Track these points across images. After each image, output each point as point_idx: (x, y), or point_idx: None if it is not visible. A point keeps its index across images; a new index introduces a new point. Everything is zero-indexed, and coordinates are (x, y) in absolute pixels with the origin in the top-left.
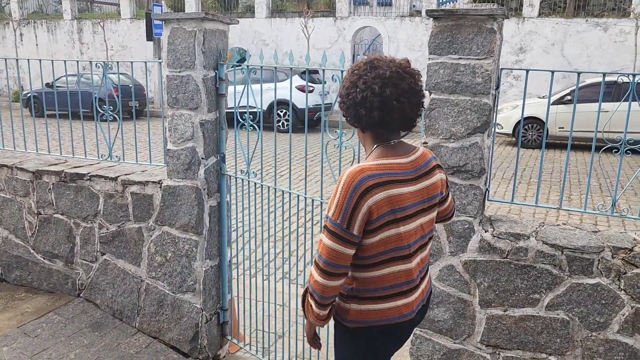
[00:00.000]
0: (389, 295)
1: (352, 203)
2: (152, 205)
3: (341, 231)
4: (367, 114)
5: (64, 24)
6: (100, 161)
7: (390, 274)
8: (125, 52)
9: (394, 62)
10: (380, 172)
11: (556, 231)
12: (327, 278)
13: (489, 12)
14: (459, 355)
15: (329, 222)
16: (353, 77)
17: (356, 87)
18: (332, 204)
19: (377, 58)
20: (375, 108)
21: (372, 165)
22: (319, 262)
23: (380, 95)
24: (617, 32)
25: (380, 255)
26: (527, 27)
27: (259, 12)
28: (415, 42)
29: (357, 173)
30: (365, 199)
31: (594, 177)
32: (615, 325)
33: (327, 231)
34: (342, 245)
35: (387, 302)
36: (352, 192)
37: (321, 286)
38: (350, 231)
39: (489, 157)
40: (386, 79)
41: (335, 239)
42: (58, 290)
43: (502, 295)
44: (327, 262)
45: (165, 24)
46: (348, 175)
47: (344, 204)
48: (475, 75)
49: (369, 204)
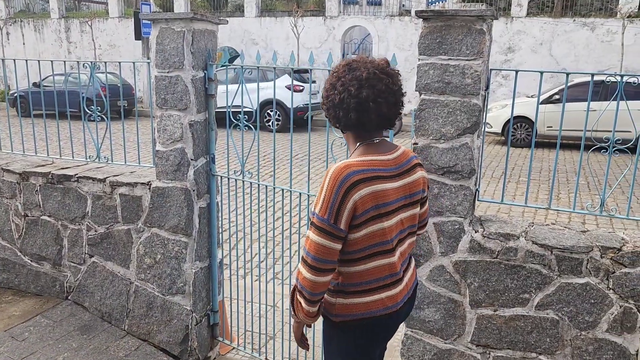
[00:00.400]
0: (373, 288)
1: (338, 198)
2: (141, 206)
3: (328, 226)
4: (344, 115)
5: (51, 22)
6: (88, 162)
7: (374, 267)
8: (113, 51)
9: (372, 63)
10: (365, 168)
11: (545, 231)
12: (316, 274)
13: (478, 13)
14: (450, 356)
15: (315, 218)
16: (332, 79)
17: (335, 89)
18: (318, 200)
19: (356, 60)
20: (352, 109)
21: (356, 161)
22: (307, 259)
23: (356, 96)
24: (604, 31)
25: (366, 250)
26: (515, 26)
27: (248, 11)
28: (405, 41)
29: (343, 169)
30: (351, 194)
31: (582, 176)
32: (604, 324)
33: (314, 227)
34: (330, 240)
35: (371, 295)
36: (339, 187)
37: (310, 282)
38: (337, 226)
39: (479, 158)
40: (363, 81)
41: (323, 235)
42: (46, 293)
43: (492, 295)
44: (315, 258)
45: (154, 24)
46: (334, 171)
47: (330, 200)
48: (464, 76)
49: (355, 199)
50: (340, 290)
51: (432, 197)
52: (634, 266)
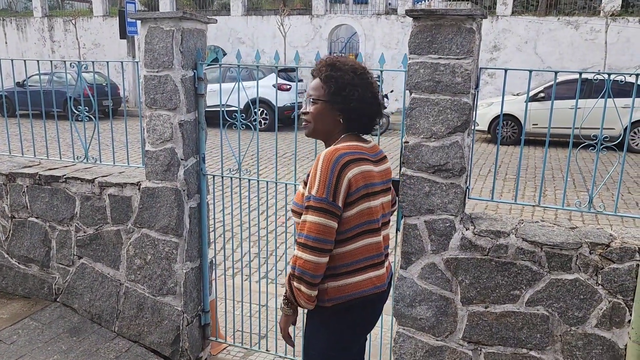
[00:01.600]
0: (362, 267)
1: (334, 177)
2: (131, 207)
3: (328, 204)
4: (358, 108)
5: (34, 21)
6: (76, 163)
7: (363, 246)
8: (98, 50)
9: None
10: (352, 151)
11: (535, 228)
12: (319, 254)
13: (468, 12)
14: (442, 352)
15: (313, 200)
16: (352, 77)
17: (356, 88)
18: (313, 184)
19: (357, 62)
20: (368, 109)
21: (343, 146)
22: (308, 242)
23: (375, 96)
24: (587, 30)
25: (356, 228)
26: (500, 25)
27: (234, 10)
28: (392, 40)
29: (333, 152)
30: (345, 172)
31: (568, 173)
32: (593, 319)
33: (312, 210)
34: (329, 218)
35: (361, 275)
36: (333, 166)
37: (313, 264)
38: (336, 203)
39: (469, 156)
40: (374, 84)
41: (322, 214)
42: (34, 295)
43: (483, 292)
44: (317, 239)
45: (142, 23)
46: (325, 154)
47: (327, 179)
48: (455, 75)
49: (349, 176)
50: (330, 274)
51: (423, 195)
52: (622, 262)
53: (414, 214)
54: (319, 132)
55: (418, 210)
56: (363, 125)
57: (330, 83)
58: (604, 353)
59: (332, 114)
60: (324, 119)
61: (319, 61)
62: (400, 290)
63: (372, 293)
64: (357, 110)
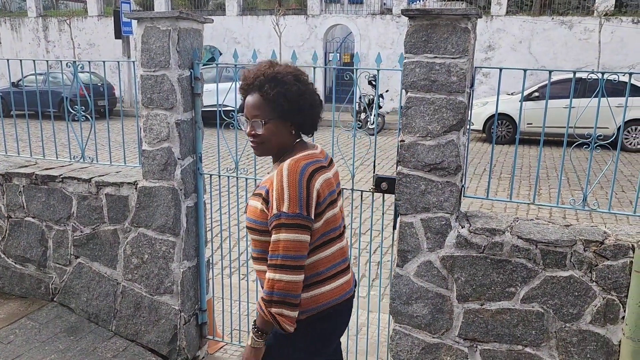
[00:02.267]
0: (332, 275)
1: (304, 190)
2: (128, 206)
3: (302, 219)
4: (308, 117)
5: (28, 21)
6: (72, 162)
7: (331, 254)
8: (92, 50)
9: None
10: (312, 160)
11: (530, 226)
12: (299, 272)
13: (463, 12)
14: (438, 350)
15: (285, 217)
16: (298, 84)
17: (303, 94)
18: (281, 200)
19: (295, 67)
20: (316, 113)
21: (302, 156)
22: (286, 261)
23: (318, 101)
24: (581, 30)
25: (323, 237)
26: (495, 25)
27: (229, 10)
28: (387, 39)
29: (296, 164)
30: (313, 184)
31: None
32: (587, 316)
33: (285, 227)
34: (304, 233)
35: (332, 282)
36: (300, 179)
37: (294, 284)
38: (310, 217)
39: (465, 154)
40: (313, 85)
41: (297, 230)
42: (31, 295)
43: (479, 290)
44: (295, 257)
45: (139, 22)
46: (289, 168)
47: (297, 193)
48: (450, 74)
49: (317, 187)
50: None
51: (419, 194)
52: (616, 259)
53: (410, 212)
54: (274, 150)
55: (414, 209)
56: (313, 128)
57: (280, 101)
58: (598, 349)
59: (285, 128)
60: (278, 137)
61: (254, 74)
62: (396, 288)
63: (344, 300)
64: (309, 117)
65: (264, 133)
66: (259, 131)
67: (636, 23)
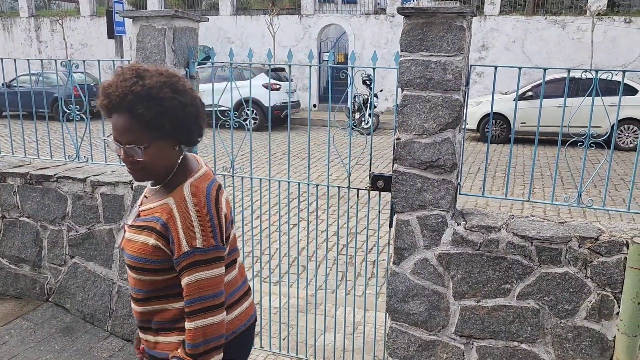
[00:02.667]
0: (237, 299)
1: (215, 217)
2: (123, 206)
3: (217, 251)
4: (196, 125)
5: (20, 21)
6: (67, 162)
7: (233, 278)
8: (85, 50)
9: None
10: (211, 180)
11: (525, 223)
12: (222, 310)
13: (459, 10)
14: (434, 347)
15: (200, 254)
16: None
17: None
18: (194, 236)
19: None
20: (200, 121)
21: (199, 178)
22: (208, 302)
23: (201, 107)
24: (574, 29)
25: (228, 257)
26: (488, 24)
27: (223, 10)
28: (381, 39)
29: (198, 189)
30: (220, 207)
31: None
32: (582, 312)
33: (201, 265)
34: (221, 265)
35: (237, 307)
36: (208, 206)
37: (220, 325)
38: (224, 246)
39: (461, 152)
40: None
41: (214, 265)
42: (26, 296)
43: (475, 287)
44: (215, 295)
45: (134, 21)
46: (192, 197)
47: (209, 223)
48: (446, 72)
49: (223, 209)
50: None
51: (415, 192)
52: (611, 255)
53: (407, 210)
54: (159, 175)
55: (410, 206)
56: (200, 136)
57: (161, 121)
58: (594, 345)
59: (169, 147)
60: (163, 159)
61: (120, 92)
62: (393, 286)
63: (250, 324)
64: (196, 128)
65: (145, 159)
66: (139, 158)
67: (628, 22)
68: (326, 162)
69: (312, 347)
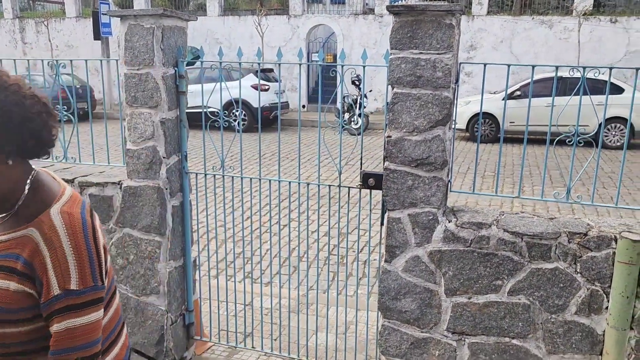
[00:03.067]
0: (117, 334)
1: (93, 251)
2: (112, 206)
3: (96, 292)
4: (27, 130)
5: (4, 23)
6: (54, 163)
7: (115, 311)
8: (71, 51)
9: None
10: (81, 203)
11: (516, 219)
12: (100, 356)
13: (448, 8)
14: (426, 344)
15: (74, 297)
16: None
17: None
18: (67, 276)
19: None
20: (46, 129)
21: (67, 202)
22: (83, 353)
23: (49, 113)
24: (561, 29)
25: (109, 291)
26: (476, 24)
27: (210, 10)
28: (369, 39)
29: (70, 216)
30: (98, 238)
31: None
32: (572, 307)
33: (75, 310)
34: (100, 308)
35: (118, 342)
36: (86, 239)
37: None
38: (104, 284)
39: (451, 150)
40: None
41: (91, 308)
42: None
43: (467, 283)
44: (92, 343)
45: (122, 20)
46: (65, 227)
47: (87, 260)
48: (435, 70)
49: (101, 239)
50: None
51: (406, 189)
52: (600, 250)
53: (398, 208)
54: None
55: (401, 204)
56: (46, 145)
57: None
58: (584, 339)
59: (6, 165)
60: (2, 182)
61: None
62: (385, 284)
63: (130, 355)
64: (27, 134)
65: None
66: None
67: (614, 22)
68: (316, 163)
69: (304, 347)
